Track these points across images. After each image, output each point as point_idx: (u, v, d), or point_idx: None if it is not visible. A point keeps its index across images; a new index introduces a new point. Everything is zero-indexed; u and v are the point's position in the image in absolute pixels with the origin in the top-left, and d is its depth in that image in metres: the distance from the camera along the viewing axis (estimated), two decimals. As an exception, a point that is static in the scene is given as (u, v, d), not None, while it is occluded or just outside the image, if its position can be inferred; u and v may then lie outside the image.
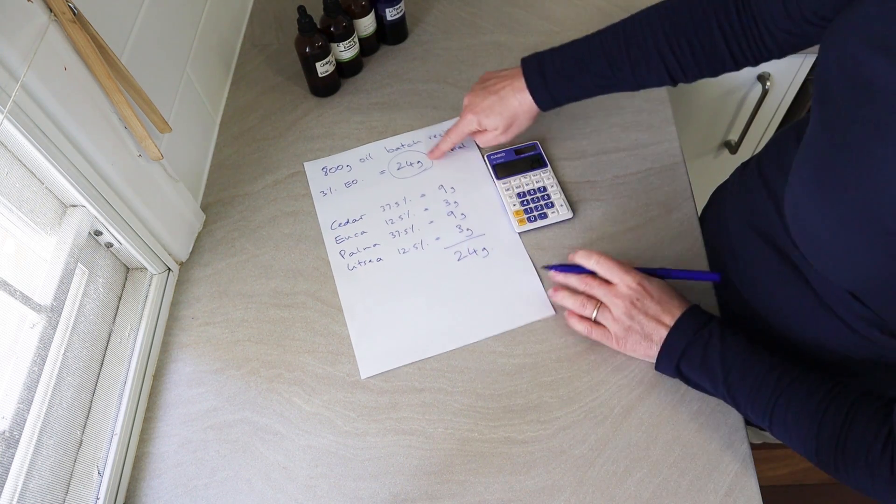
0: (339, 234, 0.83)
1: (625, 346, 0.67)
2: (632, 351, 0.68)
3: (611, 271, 0.69)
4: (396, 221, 0.83)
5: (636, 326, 0.66)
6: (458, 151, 0.88)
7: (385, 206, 0.84)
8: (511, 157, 0.86)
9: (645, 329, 0.66)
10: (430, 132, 0.91)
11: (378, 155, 0.89)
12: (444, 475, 0.65)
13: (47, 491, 0.60)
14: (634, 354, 0.68)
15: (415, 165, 0.88)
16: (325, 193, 0.86)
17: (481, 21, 1.04)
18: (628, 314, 0.66)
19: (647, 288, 0.67)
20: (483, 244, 0.79)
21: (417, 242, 0.81)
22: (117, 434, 0.67)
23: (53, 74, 0.56)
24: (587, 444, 0.66)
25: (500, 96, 0.79)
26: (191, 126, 0.86)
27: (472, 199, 0.84)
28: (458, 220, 0.82)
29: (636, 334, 0.66)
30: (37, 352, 0.58)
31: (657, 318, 0.65)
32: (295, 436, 0.69)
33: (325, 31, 0.91)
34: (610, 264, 0.69)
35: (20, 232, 0.62)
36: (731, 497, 0.62)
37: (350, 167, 0.89)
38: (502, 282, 0.76)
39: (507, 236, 0.80)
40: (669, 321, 0.65)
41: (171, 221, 0.77)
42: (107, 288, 0.73)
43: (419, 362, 0.72)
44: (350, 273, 0.79)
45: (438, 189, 0.85)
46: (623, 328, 0.67)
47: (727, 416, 0.66)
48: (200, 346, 0.75)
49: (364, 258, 0.80)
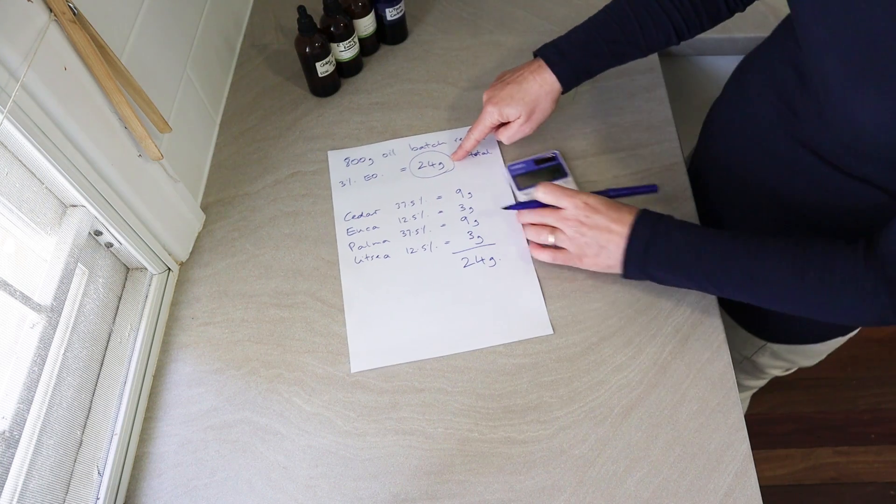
0: (352, 225, 0.83)
1: (585, 262, 0.72)
2: (593, 265, 0.71)
3: (556, 198, 0.72)
4: (409, 220, 0.83)
5: (590, 241, 0.70)
6: (481, 157, 0.88)
7: (400, 204, 0.84)
8: (531, 167, 0.85)
9: (599, 241, 0.69)
10: (455, 134, 0.91)
11: (402, 152, 0.90)
12: (444, 475, 0.65)
13: (47, 491, 0.60)
14: (597, 268, 0.72)
15: (436, 166, 0.88)
16: (344, 184, 0.87)
17: (481, 21, 1.04)
18: (579, 231, 0.70)
19: (590, 204, 0.70)
20: (491, 253, 0.79)
21: (427, 244, 0.81)
22: (117, 434, 0.67)
23: (53, 74, 0.56)
24: (587, 444, 0.66)
25: (519, 83, 0.79)
26: (191, 126, 0.86)
27: (487, 207, 0.83)
28: (471, 227, 0.82)
29: (592, 248, 0.70)
30: (37, 352, 0.58)
31: (607, 228, 0.69)
32: (295, 436, 0.69)
33: (325, 31, 0.91)
34: (555, 191, 0.73)
35: (20, 232, 0.62)
36: (731, 497, 0.62)
37: (372, 161, 0.89)
38: (505, 294, 0.76)
39: (517, 250, 0.79)
40: (620, 228, 0.68)
41: (171, 221, 0.77)
42: (107, 288, 0.73)
43: (419, 362, 0.72)
44: (356, 266, 0.79)
45: (456, 193, 0.85)
46: (578, 245, 0.71)
47: (727, 416, 0.66)
48: (200, 346, 0.75)
49: (372, 253, 0.80)
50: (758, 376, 0.99)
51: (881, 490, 1.45)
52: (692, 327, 0.72)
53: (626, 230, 0.68)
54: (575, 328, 0.73)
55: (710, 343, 0.71)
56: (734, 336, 0.87)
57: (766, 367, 0.94)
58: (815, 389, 1.57)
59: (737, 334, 0.88)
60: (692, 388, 0.68)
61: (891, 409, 1.54)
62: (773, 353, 0.89)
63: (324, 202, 0.86)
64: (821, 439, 1.51)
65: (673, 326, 0.72)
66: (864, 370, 1.59)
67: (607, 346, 0.71)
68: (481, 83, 0.96)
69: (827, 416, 1.54)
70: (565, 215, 0.71)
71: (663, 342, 0.71)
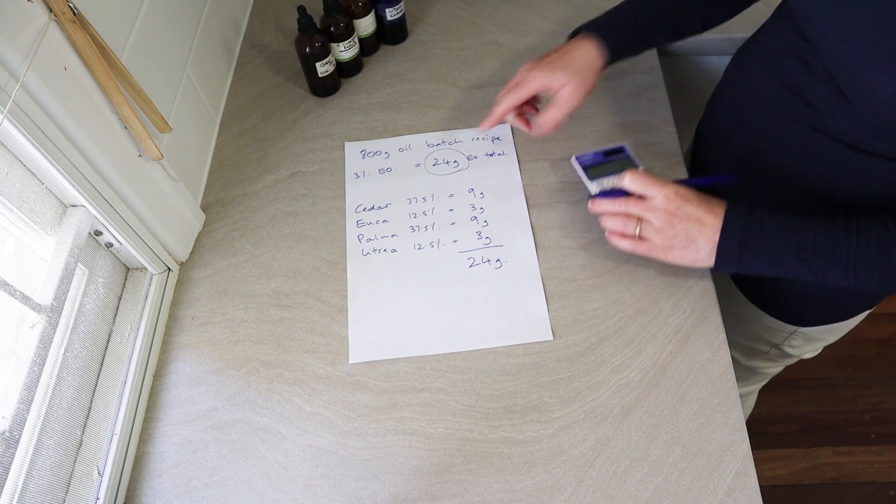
0: (362, 217, 0.83)
1: (671, 254, 0.68)
2: (679, 258, 0.68)
3: (645, 186, 0.69)
4: (419, 216, 0.83)
5: (679, 233, 0.67)
6: (496, 158, 0.88)
7: (412, 200, 0.85)
8: (600, 158, 0.82)
9: (690, 234, 0.66)
10: (472, 133, 0.91)
11: (418, 147, 0.90)
12: (444, 475, 0.65)
13: (47, 491, 0.60)
14: (682, 261, 0.69)
15: (450, 164, 0.88)
16: (358, 176, 0.87)
17: (481, 21, 1.04)
18: (669, 223, 0.67)
19: (681, 195, 0.67)
20: (498, 255, 0.79)
21: (434, 241, 0.81)
22: (117, 434, 0.67)
23: (53, 74, 0.56)
24: (587, 444, 0.66)
25: (561, 53, 0.77)
26: (191, 126, 0.86)
27: (497, 209, 0.83)
28: (480, 227, 0.82)
29: (680, 240, 0.67)
30: (37, 352, 0.58)
31: (699, 219, 0.66)
32: (295, 436, 0.69)
33: (325, 31, 0.91)
34: (643, 180, 0.69)
35: (20, 232, 0.62)
36: (731, 497, 0.62)
37: (388, 154, 0.89)
38: (508, 297, 0.76)
39: (525, 253, 0.79)
40: (712, 220, 0.66)
41: (171, 221, 0.77)
42: (107, 288, 0.73)
43: (419, 362, 0.72)
44: (363, 258, 0.80)
45: (468, 192, 0.85)
46: (666, 237, 0.68)
47: (727, 416, 0.66)
48: (200, 346, 0.75)
49: (379, 246, 0.81)
50: (782, 362, 0.98)
51: (881, 490, 1.45)
52: (692, 327, 0.72)
53: (718, 223, 0.65)
54: (575, 328, 0.73)
55: (710, 343, 0.71)
56: (761, 326, 0.87)
57: (795, 352, 0.93)
58: (815, 389, 1.57)
59: (763, 324, 0.87)
60: (692, 388, 0.68)
61: (891, 409, 1.54)
62: (805, 336, 0.88)
63: (324, 202, 0.86)
64: (821, 439, 1.51)
65: (673, 326, 0.72)
66: (864, 370, 1.59)
67: (607, 346, 0.71)
68: (481, 83, 0.96)
69: (827, 416, 1.54)
70: (654, 205, 0.68)
71: (663, 342, 0.71)
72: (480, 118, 0.92)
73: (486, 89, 0.95)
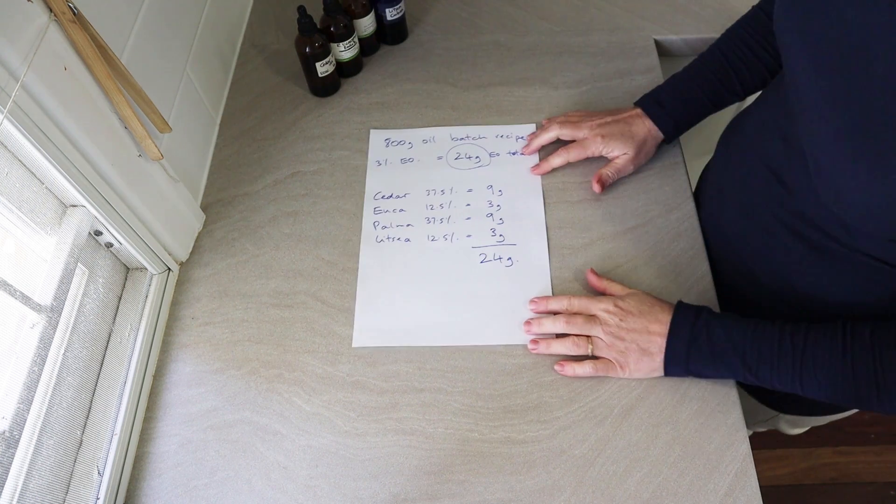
0: (379, 205, 0.84)
1: (629, 369, 0.67)
2: (637, 371, 0.67)
3: (585, 306, 0.70)
4: (436, 209, 0.84)
5: (630, 346, 0.66)
6: (519, 157, 0.87)
7: (430, 191, 0.85)
8: None
9: (640, 344, 0.66)
10: (497, 131, 0.90)
11: (441, 140, 0.90)
12: (444, 475, 0.65)
13: (47, 491, 0.60)
14: (641, 374, 0.68)
15: (472, 159, 0.88)
16: (380, 164, 0.88)
17: (481, 21, 1.04)
18: (618, 336, 0.67)
19: (622, 307, 0.68)
20: (510, 253, 0.79)
21: (448, 234, 0.81)
22: (117, 434, 0.67)
23: (53, 74, 0.56)
24: (587, 444, 0.66)
25: (627, 123, 0.79)
26: (191, 126, 0.86)
27: (514, 208, 0.83)
28: (495, 224, 0.82)
29: (634, 353, 0.66)
30: (37, 352, 0.58)
31: (646, 329, 0.66)
32: (295, 436, 0.69)
33: (325, 31, 0.91)
34: (581, 301, 0.70)
35: (20, 232, 0.62)
36: (731, 497, 0.62)
37: (411, 145, 0.90)
38: (516, 296, 0.76)
39: (537, 254, 0.79)
40: (658, 328, 0.65)
41: (171, 221, 0.77)
42: (107, 288, 0.73)
43: (419, 362, 0.72)
44: (377, 244, 0.81)
45: (486, 188, 0.85)
46: (619, 352, 0.67)
47: (727, 416, 0.66)
48: (200, 346, 0.75)
49: (394, 234, 0.81)
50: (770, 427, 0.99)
51: (881, 490, 1.45)
52: (692, 327, 0.72)
53: (665, 329, 0.65)
54: (575, 328, 0.73)
55: (710, 343, 0.71)
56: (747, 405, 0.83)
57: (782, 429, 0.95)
58: (815, 389, 1.57)
59: (749, 403, 0.86)
60: (692, 388, 0.68)
61: (891, 409, 1.54)
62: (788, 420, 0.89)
63: (324, 202, 0.86)
64: (821, 439, 1.51)
65: (673, 326, 0.72)
66: (864, 370, 1.59)
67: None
68: (481, 83, 0.96)
69: (827, 416, 1.54)
70: (599, 321, 0.68)
71: (663, 342, 0.71)
72: (481, 118, 0.92)
73: (486, 89, 0.95)
